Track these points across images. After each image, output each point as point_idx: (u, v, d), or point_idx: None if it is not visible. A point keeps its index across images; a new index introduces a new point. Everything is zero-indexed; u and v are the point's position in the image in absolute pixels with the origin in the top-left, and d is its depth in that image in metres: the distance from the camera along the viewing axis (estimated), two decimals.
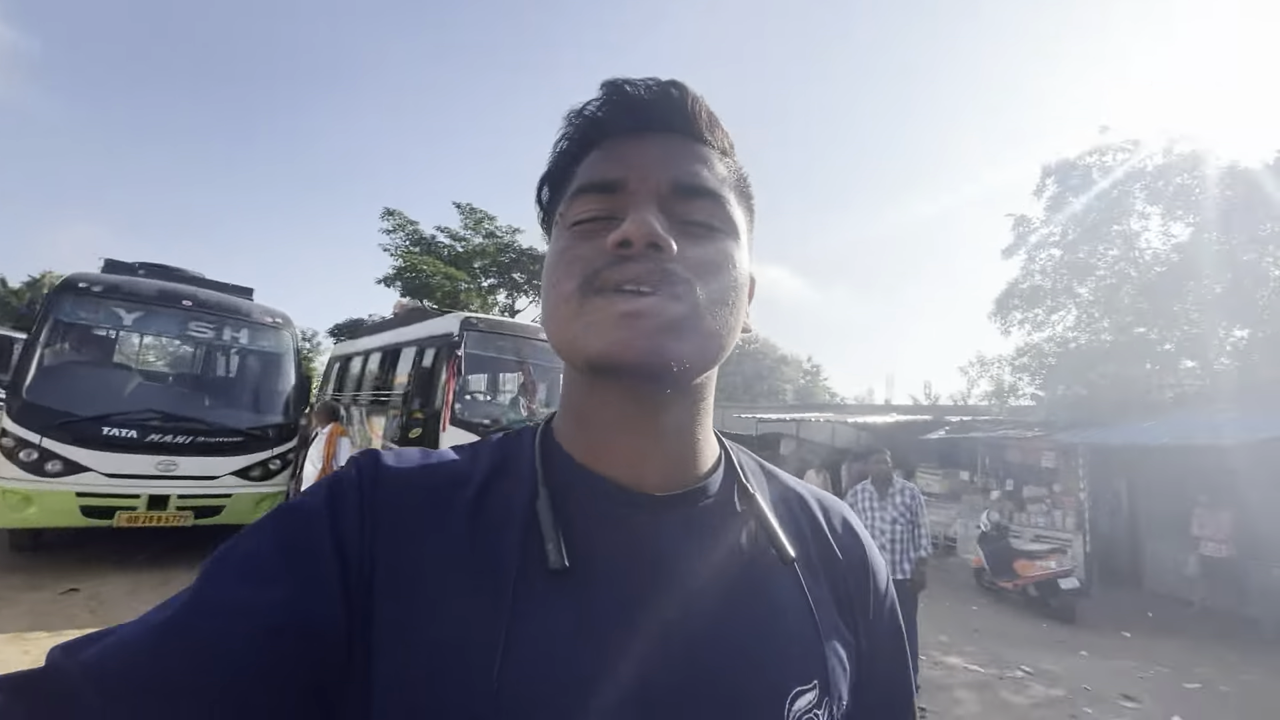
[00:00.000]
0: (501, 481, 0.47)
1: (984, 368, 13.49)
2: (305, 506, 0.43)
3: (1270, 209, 9.72)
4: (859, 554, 0.55)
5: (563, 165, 0.49)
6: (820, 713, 0.44)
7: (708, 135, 0.48)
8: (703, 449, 0.49)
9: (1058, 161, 12.05)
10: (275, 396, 6.42)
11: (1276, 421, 7.12)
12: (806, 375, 39.21)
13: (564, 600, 0.41)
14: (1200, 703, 4.65)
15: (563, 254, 0.45)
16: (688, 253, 0.43)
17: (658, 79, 0.47)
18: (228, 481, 5.75)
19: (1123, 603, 7.98)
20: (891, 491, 4.53)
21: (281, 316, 6.76)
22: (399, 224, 20.30)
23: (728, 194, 0.47)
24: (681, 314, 0.41)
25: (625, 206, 0.44)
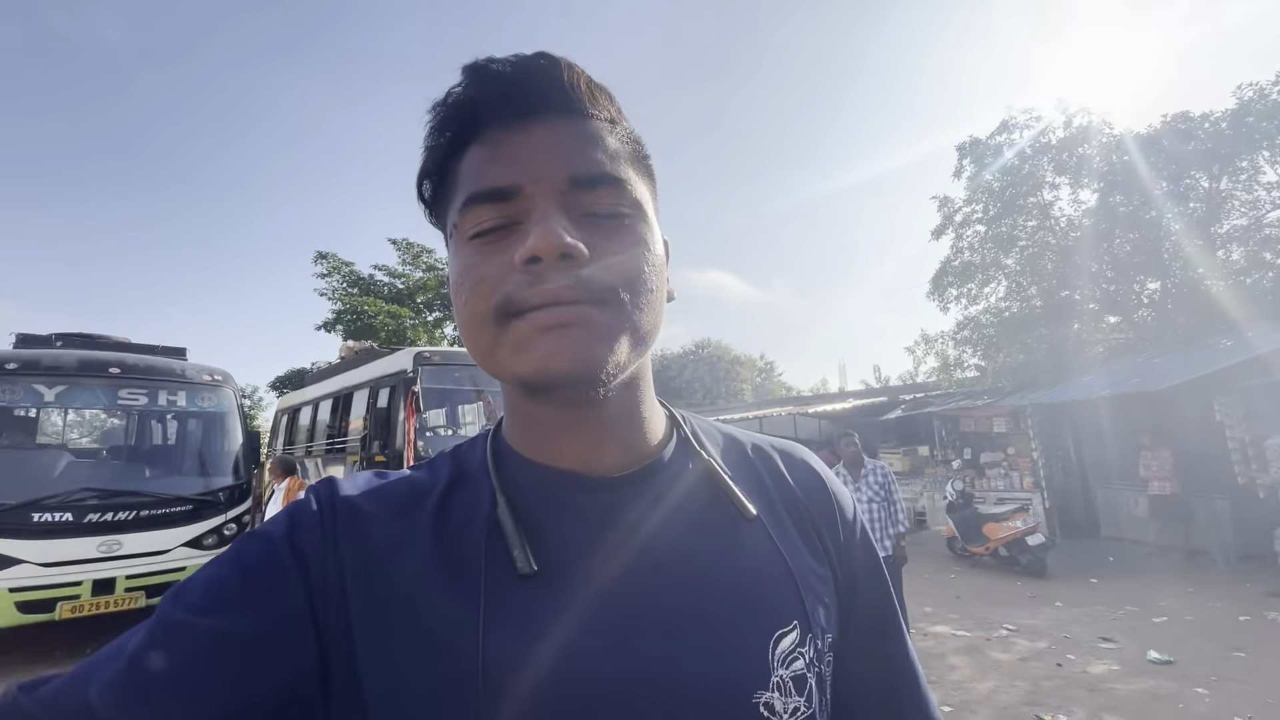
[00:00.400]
0: (460, 492, 0.47)
1: (928, 345, 14.03)
2: (266, 534, 0.42)
3: (1161, 171, 10.53)
4: (820, 490, 0.56)
5: (439, 160, 0.45)
6: (805, 650, 0.45)
7: (591, 109, 0.44)
8: (650, 424, 0.49)
9: (970, 141, 12.72)
10: (222, 458, 6.10)
11: (1195, 363, 7.67)
12: (761, 373, 39.94)
13: (537, 602, 0.41)
14: (1170, 633, 4.91)
15: (468, 273, 0.42)
16: (600, 249, 0.41)
17: (523, 54, 0.43)
18: (180, 554, 5.40)
19: (1085, 551, 8.38)
20: (864, 473, 4.64)
21: (220, 374, 6.44)
22: (333, 266, 19.68)
23: (627, 172, 0.44)
24: (606, 317, 0.40)
25: (525, 211, 0.41)
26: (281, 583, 0.40)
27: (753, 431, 0.59)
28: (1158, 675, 4.08)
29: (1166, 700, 3.68)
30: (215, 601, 0.38)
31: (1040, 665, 4.36)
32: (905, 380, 22.97)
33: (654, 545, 0.44)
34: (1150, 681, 3.98)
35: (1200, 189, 10.80)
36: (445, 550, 0.43)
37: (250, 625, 0.38)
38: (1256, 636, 4.75)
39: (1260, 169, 10.19)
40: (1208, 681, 3.92)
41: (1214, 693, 3.75)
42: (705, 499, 0.48)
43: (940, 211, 13.27)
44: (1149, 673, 4.14)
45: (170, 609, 0.38)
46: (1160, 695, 3.76)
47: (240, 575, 0.40)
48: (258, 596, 0.39)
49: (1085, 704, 3.69)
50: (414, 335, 19.42)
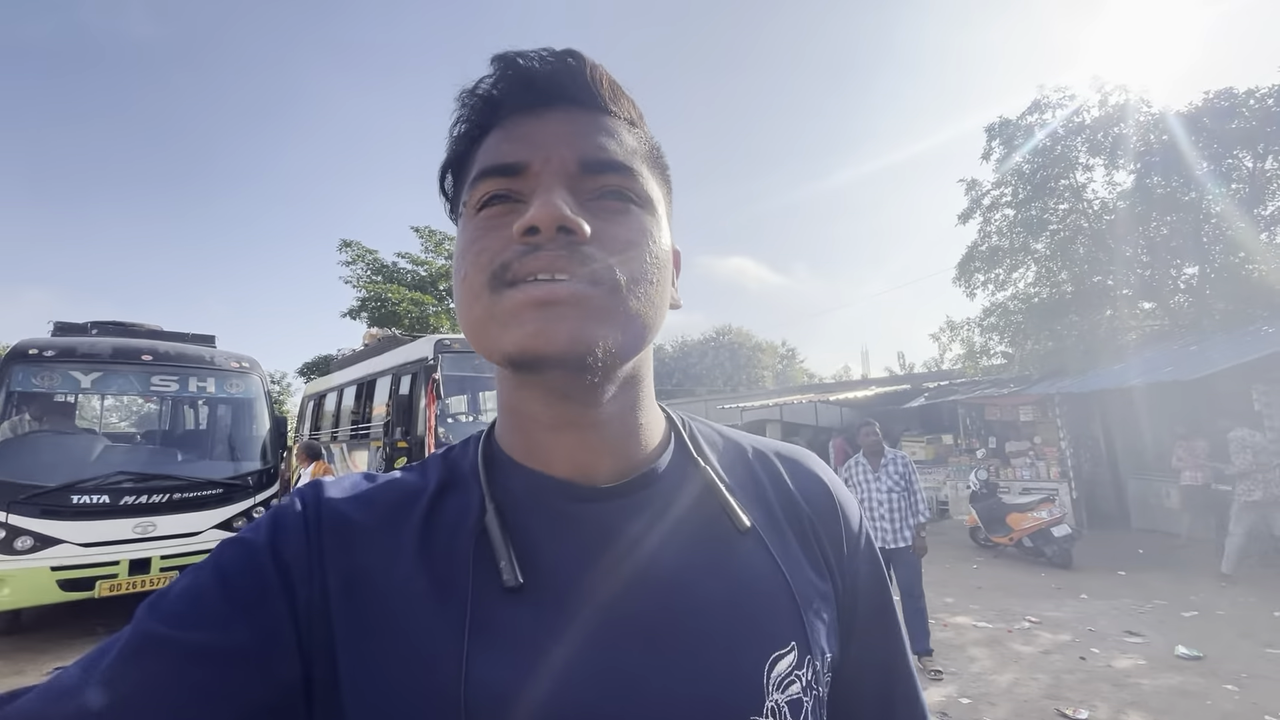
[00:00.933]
0: (449, 498, 0.46)
1: (954, 332, 13.75)
2: (247, 541, 0.41)
3: (1202, 150, 10.11)
4: (825, 499, 0.53)
5: (462, 150, 0.46)
6: (802, 673, 0.43)
7: (611, 106, 0.45)
8: (647, 430, 0.48)
9: (1000, 122, 12.35)
10: (251, 443, 6.25)
11: (1234, 350, 7.40)
12: (783, 360, 39.63)
13: (523, 616, 0.40)
14: (1200, 628, 4.80)
15: (469, 245, 0.42)
16: (602, 232, 0.40)
17: (552, 49, 0.44)
18: (211, 535, 5.56)
19: (1114, 542, 8.20)
20: (884, 462, 4.58)
21: (248, 360, 6.59)
22: (357, 255, 19.97)
23: (639, 166, 0.44)
24: (600, 297, 0.39)
25: (531, 189, 0.41)
26: (263, 594, 0.39)
27: (761, 437, 0.58)
28: (1186, 671, 3.99)
29: (1194, 697, 3.60)
30: (193, 614, 0.37)
31: (1063, 658, 4.30)
32: (930, 367, 22.60)
33: (646, 561, 0.43)
34: (1178, 677, 3.89)
35: (1244, 169, 10.35)
36: (432, 559, 0.42)
37: (229, 639, 0.36)
38: None
39: None
40: (1238, 679, 3.82)
41: (1245, 690, 3.65)
42: (701, 512, 0.47)
43: (968, 195, 12.93)
44: (1176, 668, 4.05)
45: (146, 621, 0.37)
46: (1188, 691, 3.67)
47: (220, 585, 0.39)
48: (238, 608, 0.38)
49: (1109, 699, 3.63)
50: (436, 322, 19.65)
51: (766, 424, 15.54)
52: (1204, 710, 3.44)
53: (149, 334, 6.67)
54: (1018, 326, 12.15)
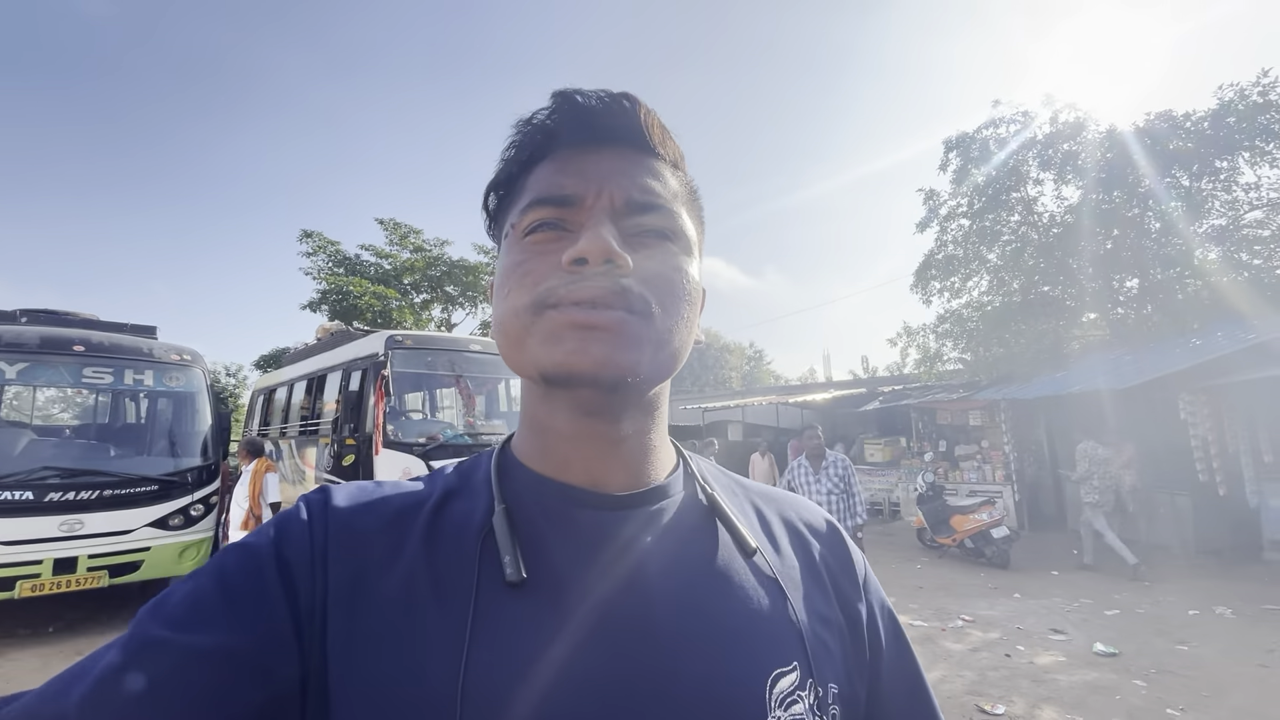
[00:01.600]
0: (457, 501, 0.47)
1: (910, 337, 14.08)
2: (251, 546, 0.42)
3: (1145, 168, 10.57)
4: (833, 536, 0.56)
5: (512, 173, 0.49)
6: (804, 694, 0.43)
7: (659, 149, 0.48)
8: (659, 454, 0.50)
9: (957, 136, 12.71)
10: (190, 438, 6.06)
11: (1164, 361, 7.76)
12: (750, 361, 40.03)
13: (525, 612, 0.41)
14: (1120, 626, 5.03)
15: (516, 267, 0.44)
16: (642, 267, 0.43)
17: (609, 91, 0.47)
18: (144, 534, 5.39)
19: (1051, 544, 8.52)
20: (825, 465, 4.69)
21: (189, 353, 6.38)
22: (319, 245, 19.45)
23: (679, 208, 0.47)
24: (636, 325, 0.42)
25: (580, 221, 0.44)
26: (265, 599, 0.39)
27: (768, 486, 0.61)
28: (1101, 667, 4.18)
29: (1104, 692, 3.78)
30: (195, 617, 0.37)
31: (990, 656, 4.46)
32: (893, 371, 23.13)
33: (650, 570, 0.44)
34: (1093, 673, 4.08)
35: (1181, 188, 10.85)
36: (435, 559, 0.43)
37: (231, 643, 0.37)
38: (1202, 630, 4.87)
39: (1239, 170, 10.24)
40: (1147, 674, 4.02)
41: (1152, 685, 3.85)
42: (707, 531, 0.48)
43: (926, 205, 13.28)
44: (1093, 664, 4.24)
45: (148, 624, 0.37)
46: (1100, 687, 3.85)
47: (222, 590, 0.39)
48: (240, 613, 0.38)
49: (1026, 694, 3.79)
50: (400, 317, 19.30)
51: (729, 425, 15.68)
52: (1112, 705, 3.61)
53: (83, 323, 6.42)
54: (970, 333, 12.52)
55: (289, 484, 7.84)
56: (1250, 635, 4.72)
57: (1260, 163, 10.08)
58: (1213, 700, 3.62)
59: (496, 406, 7.68)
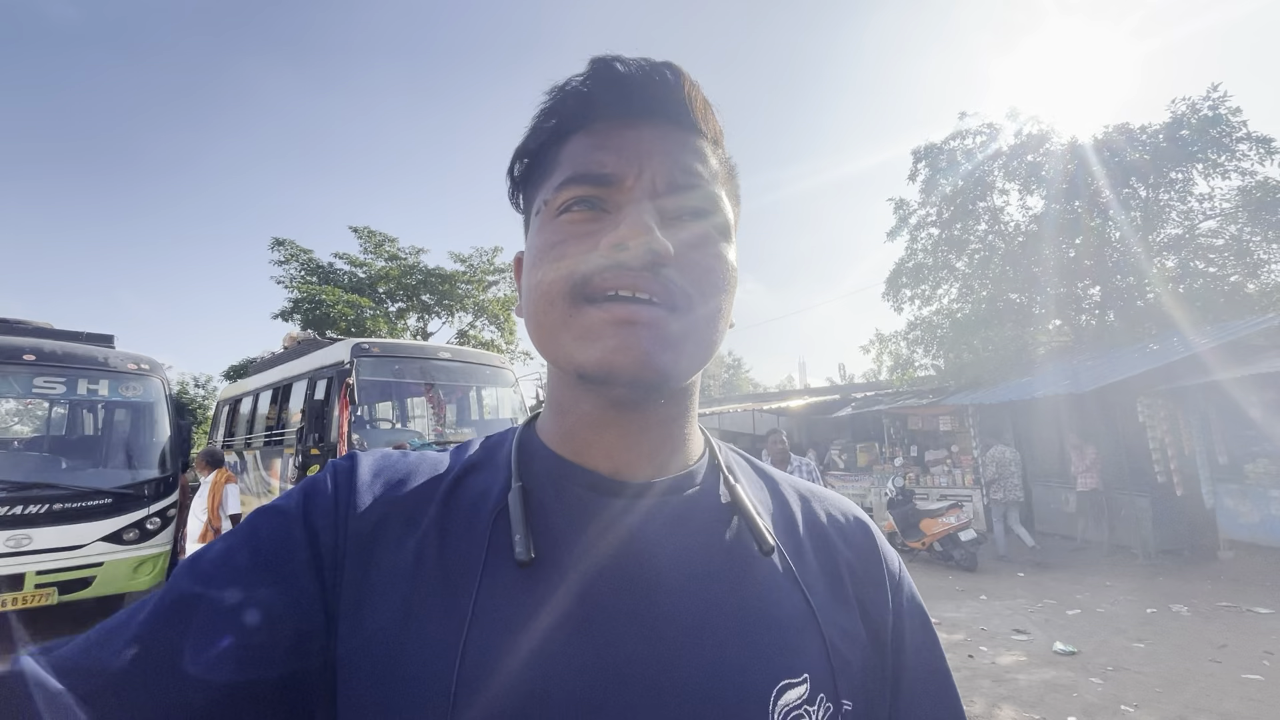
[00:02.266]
0: (477, 475, 0.47)
1: (883, 344, 14.31)
2: (280, 509, 0.43)
3: (1105, 179, 10.90)
4: (865, 542, 0.52)
5: (544, 142, 0.46)
6: (813, 709, 0.41)
7: (701, 125, 0.45)
8: (687, 443, 0.48)
9: (926, 146, 12.98)
10: (147, 450, 5.90)
11: (1122, 366, 7.98)
12: (729, 369, 40.27)
13: (528, 592, 0.40)
14: (1080, 626, 5.12)
15: (551, 248, 0.42)
16: (684, 258, 0.41)
17: (651, 60, 0.44)
18: (97, 549, 5.21)
19: (1017, 545, 8.67)
20: (791, 469, 4.72)
21: (148, 362, 6.22)
22: (291, 254, 19.19)
23: (720, 190, 0.45)
24: (677, 325, 0.40)
25: (619, 202, 0.42)
26: (293, 558, 0.40)
27: (804, 481, 0.57)
28: (1060, 666, 4.25)
29: (1062, 690, 3.84)
30: (227, 574, 0.39)
31: (953, 657, 4.50)
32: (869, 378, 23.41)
33: (660, 561, 0.42)
34: (1052, 672, 4.14)
35: (1139, 198, 11.21)
36: (447, 532, 0.43)
37: (260, 599, 0.38)
38: (1158, 629, 4.98)
39: (1193, 181, 10.61)
40: (1104, 672, 4.09)
41: (1107, 682, 3.92)
42: (725, 526, 0.46)
43: (896, 214, 13.53)
44: (1053, 663, 4.31)
45: (182, 580, 0.39)
46: (1058, 685, 3.91)
47: (252, 549, 0.40)
48: (270, 571, 0.39)
49: (987, 694, 3.83)
50: (374, 326, 19.07)
51: None
52: (1069, 702, 3.67)
53: (35, 331, 6.22)
54: (940, 340, 12.74)
55: (252, 495, 7.67)
56: (1204, 632, 4.83)
57: (1213, 174, 10.46)
58: (1165, 695, 3.70)
59: (467, 415, 7.61)
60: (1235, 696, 3.64)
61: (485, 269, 20.36)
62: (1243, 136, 10.08)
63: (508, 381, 7.71)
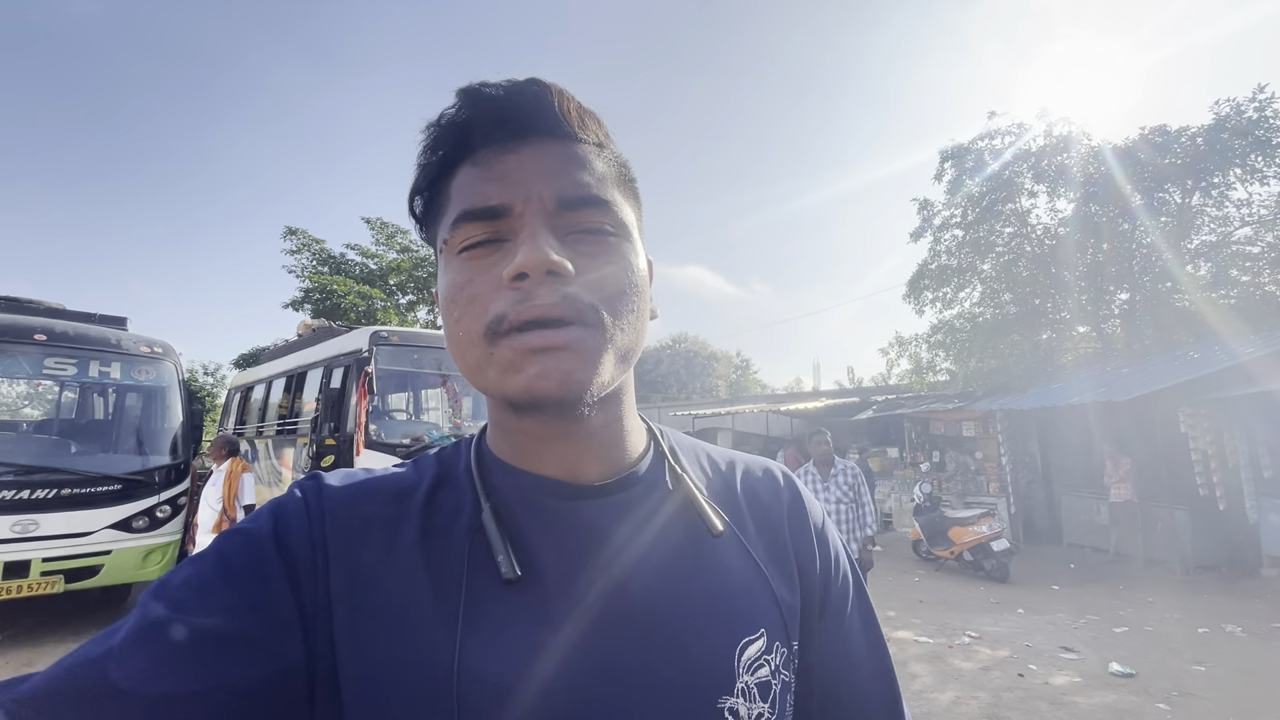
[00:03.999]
0: (443, 494, 0.47)
1: (902, 347, 14.03)
2: (249, 531, 0.42)
3: (1136, 183, 10.60)
4: (794, 500, 0.57)
5: (432, 177, 0.46)
6: (770, 657, 0.46)
7: (580, 133, 0.46)
8: (630, 438, 0.50)
9: (953, 146, 12.70)
10: (159, 435, 5.72)
11: (1163, 374, 7.70)
12: (737, 370, 40.03)
13: (517, 608, 0.41)
14: (1131, 645, 4.87)
15: (459, 289, 0.43)
16: (586, 271, 0.42)
17: (515, 79, 0.45)
18: (105, 536, 5.04)
19: (1048, 557, 8.41)
20: (834, 472, 4.49)
21: (161, 346, 6.04)
22: (303, 243, 19.10)
23: (612, 194, 0.45)
24: (592, 339, 0.41)
25: (514, 230, 0.42)
26: (267, 580, 0.40)
27: (730, 450, 0.61)
28: (1119, 689, 4.01)
29: (1129, 715, 3.60)
30: (198, 600, 0.38)
31: (1002, 675, 4.27)
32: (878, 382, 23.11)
33: (627, 553, 0.45)
34: (1112, 695, 3.90)
35: (1173, 203, 10.90)
36: (429, 553, 0.43)
37: (235, 624, 0.37)
38: (1215, 650, 4.73)
39: (1231, 185, 10.31)
40: (1169, 697, 3.85)
41: (1175, 709, 3.68)
42: (678, 511, 0.49)
43: (920, 214, 13.25)
44: (1111, 686, 4.06)
45: (151, 605, 0.38)
46: (1122, 710, 3.67)
47: (223, 573, 0.40)
48: (243, 594, 0.39)
49: (1045, 717, 3.59)
50: (385, 317, 18.93)
51: (718, 432, 15.51)
52: None
53: (48, 312, 6.05)
54: (963, 344, 12.48)
55: (264, 485, 7.48)
56: (1266, 655, 4.58)
57: (1251, 180, 10.15)
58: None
59: (483, 408, 7.40)
60: None
61: None
62: None
63: None
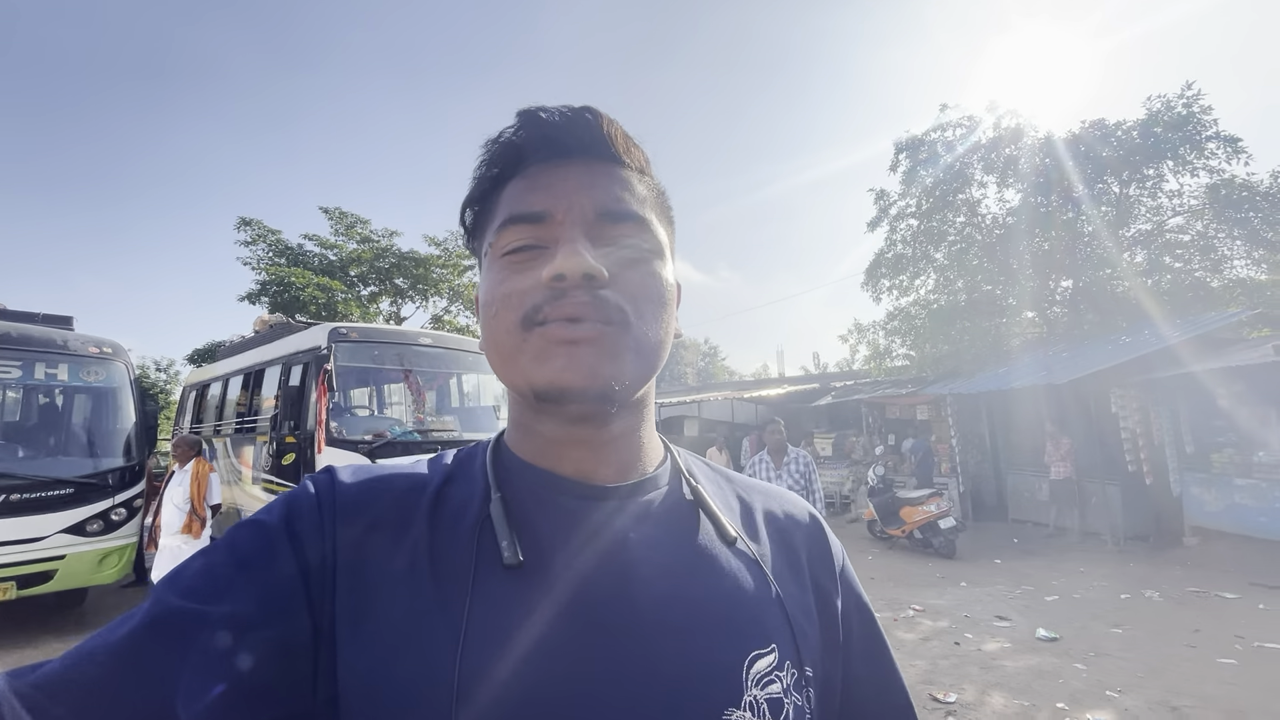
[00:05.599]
0: (455, 486, 0.49)
1: (861, 334, 14.42)
2: (262, 523, 0.44)
3: (1078, 174, 11.09)
4: (813, 527, 0.58)
5: (484, 191, 0.50)
6: (781, 674, 0.45)
7: (624, 157, 0.49)
8: (648, 450, 0.52)
9: (907, 138, 13.04)
10: (111, 437, 5.62)
11: (1096, 358, 8.16)
12: (705, 357, 40.40)
13: (519, 595, 0.42)
14: (1059, 611, 5.24)
15: (499, 286, 0.46)
16: (619, 278, 0.45)
17: (571, 106, 0.49)
18: (58, 541, 4.96)
19: (994, 533, 8.87)
20: (787, 460, 4.69)
21: (110, 345, 5.91)
22: (258, 234, 18.50)
23: (649, 214, 0.48)
24: (617, 335, 0.43)
25: (555, 236, 0.45)
26: (278, 571, 0.41)
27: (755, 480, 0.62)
28: (1043, 652, 4.33)
29: (1048, 676, 3.91)
30: (210, 589, 0.39)
31: (940, 644, 4.57)
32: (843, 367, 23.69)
33: (637, 555, 0.46)
34: (1036, 658, 4.22)
35: (1112, 194, 11.44)
36: (435, 542, 0.44)
37: (247, 611, 0.38)
38: (1134, 613, 5.12)
39: (1164, 177, 10.86)
40: (1086, 658, 4.18)
41: (1091, 668, 4.01)
42: (692, 519, 0.50)
43: (876, 205, 13.60)
44: (1036, 649, 4.39)
45: (164, 594, 0.39)
46: (1043, 671, 3.99)
47: (236, 563, 0.41)
48: (254, 584, 0.40)
49: (976, 681, 3.88)
50: (346, 310, 18.54)
51: (685, 420, 15.73)
52: (1056, 688, 3.73)
53: None
54: (918, 330, 12.90)
55: (224, 485, 7.39)
56: (1177, 617, 4.99)
57: (1182, 171, 10.71)
58: (1147, 681, 3.79)
59: (448, 402, 7.43)
60: (1213, 680, 3.75)
61: (461, 253, 19.92)
62: (1212, 135, 10.34)
63: (489, 368, 7.55)
